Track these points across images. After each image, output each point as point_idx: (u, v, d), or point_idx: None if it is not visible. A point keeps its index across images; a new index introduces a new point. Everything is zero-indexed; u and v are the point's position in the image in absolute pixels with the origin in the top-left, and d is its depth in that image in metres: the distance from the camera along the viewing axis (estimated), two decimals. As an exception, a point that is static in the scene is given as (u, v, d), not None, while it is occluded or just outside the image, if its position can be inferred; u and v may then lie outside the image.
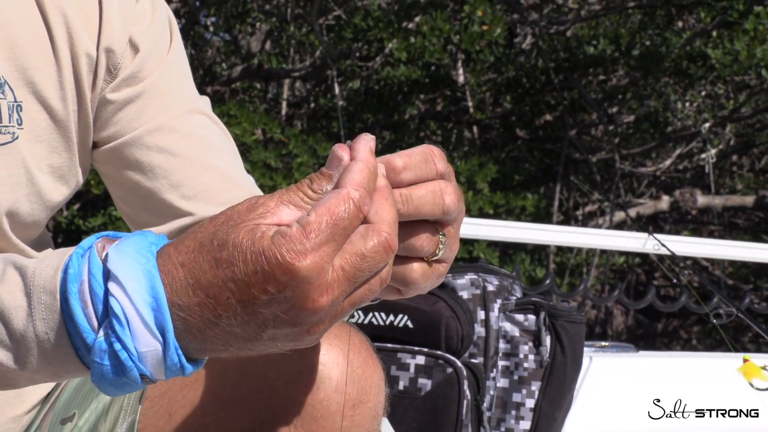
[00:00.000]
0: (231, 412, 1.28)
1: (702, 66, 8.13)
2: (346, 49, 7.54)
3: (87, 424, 1.34)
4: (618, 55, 8.44)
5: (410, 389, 2.09)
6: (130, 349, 0.86)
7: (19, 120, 1.25)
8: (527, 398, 2.20)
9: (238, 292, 0.84)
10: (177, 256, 0.87)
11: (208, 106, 1.45)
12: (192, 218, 1.38)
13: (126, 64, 1.33)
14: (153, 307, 0.85)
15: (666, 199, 9.08)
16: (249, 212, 0.87)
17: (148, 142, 1.36)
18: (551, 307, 2.21)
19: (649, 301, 3.60)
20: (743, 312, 2.61)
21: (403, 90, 8.40)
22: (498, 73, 9.04)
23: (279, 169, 6.71)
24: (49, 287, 0.89)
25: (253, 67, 8.09)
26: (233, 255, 0.84)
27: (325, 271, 0.84)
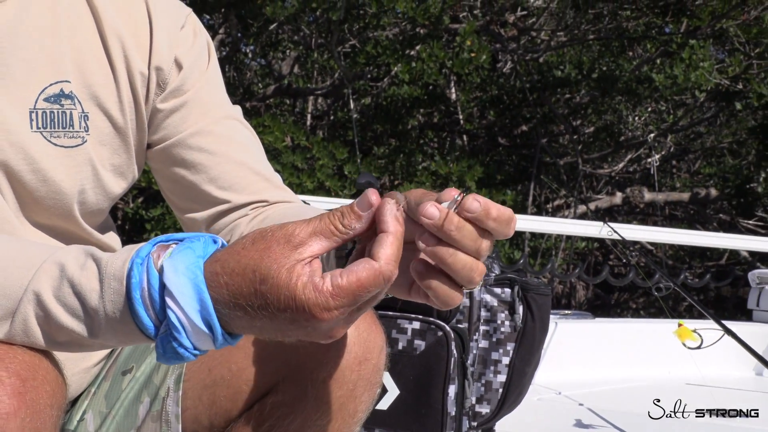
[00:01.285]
0: (259, 367, 1.27)
1: (648, 87, 8.11)
2: (359, 72, 7.53)
3: (143, 376, 1.33)
4: (580, 78, 8.41)
5: (407, 349, 2.08)
6: (186, 346, 0.87)
7: (86, 127, 1.25)
8: (503, 356, 2.18)
9: (268, 317, 0.86)
10: (223, 275, 0.87)
11: (240, 113, 1.44)
12: (227, 205, 1.37)
13: (172, 80, 1.32)
14: (200, 311, 0.86)
15: (619, 195, 9.06)
16: (286, 244, 0.86)
17: (190, 143, 1.35)
18: (523, 282, 2.19)
19: (604, 278, 3.58)
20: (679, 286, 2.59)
21: (406, 105, 8.39)
22: (483, 92, 9.03)
23: (304, 169, 6.71)
24: (118, 275, 0.89)
25: (283, 86, 8.09)
26: (270, 291, 0.84)
27: (340, 319, 0.85)
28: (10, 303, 0.92)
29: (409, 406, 2.05)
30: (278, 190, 1.42)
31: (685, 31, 7.58)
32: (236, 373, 1.30)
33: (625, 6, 7.88)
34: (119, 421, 1.31)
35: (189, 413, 1.31)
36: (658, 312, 9.28)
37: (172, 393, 1.30)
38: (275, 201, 1.40)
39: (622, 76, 8.20)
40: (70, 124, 1.23)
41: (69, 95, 1.23)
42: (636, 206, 9.32)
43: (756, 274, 3.73)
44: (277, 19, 6.78)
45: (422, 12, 6.33)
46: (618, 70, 8.34)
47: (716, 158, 10.72)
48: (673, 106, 9.57)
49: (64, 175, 1.23)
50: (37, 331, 0.92)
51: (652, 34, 8.07)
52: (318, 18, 7.04)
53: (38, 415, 0.89)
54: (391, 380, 2.05)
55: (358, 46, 7.34)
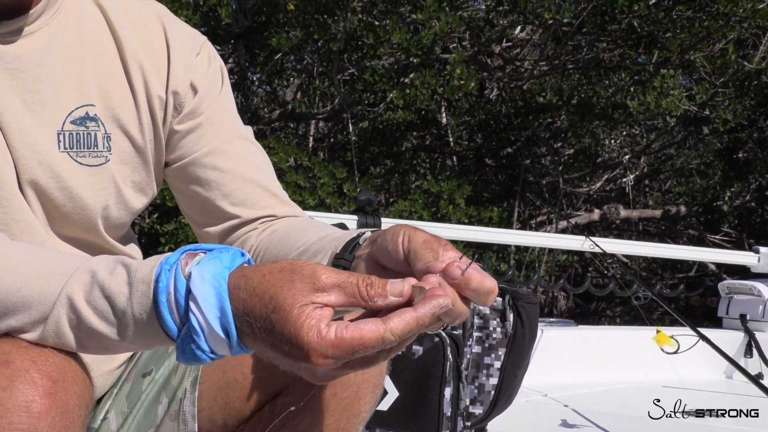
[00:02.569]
0: (271, 370, 1.27)
1: (623, 113, 8.13)
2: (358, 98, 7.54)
3: (161, 378, 1.32)
4: (561, 104, 8.44)
5: (406, 353, 2.07)
6: (204, 349, 0.87)
7: (109, 147, 1.24)
8: (495, 360, 2.17)
9: (269, 341, 0.84)
10: (243, 292, 0.86)
11: (251, 133, 1.43)
12: (238, 220, 1.36)
13: (188, 103, 1.32)
14: (220, 318, 0.85)
15: (597, 212, 9.07)
16: (309, 284, 0.84)
17: (205, 162, 1.35)
18: (514, 291, 2.18)
19: (585, 288, 3.58)
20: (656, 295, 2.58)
21: (401, 129, 8.40)
22: (472, 116, 9.05)
23: (306, 188, 6.70)
24: (146, 279, 0.89)
25: (287, 111, 8.09)
26: (278, 320, 0.83)
27: (333, 367, 0.84)
28: (45, 307, 0.91)
29: (407, 407, 2.04)
30: (285, 205, 1.41)
31: (656, 61, 7.61)
32: (248, 375, 1.29)
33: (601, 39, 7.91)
34: (140, 420, 1.30)
35: (204, 413, 1.30)
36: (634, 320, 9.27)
37: (188, 394, 1.30)
38: (283, 215, 1.40)
39: (599, 103, 8.22)
40: (94, 144, 1.23)
41: (93, 118, 1.23)
42: (612, 222, 9.33)
43: (726, 284, 3.74)
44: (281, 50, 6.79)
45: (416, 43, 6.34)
46: (595, 96, 8.36)
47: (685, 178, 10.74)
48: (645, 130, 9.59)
49: (90, 192, 1.23)
50: (68, 333, 0.91)
51: (627, 64, 8.10)
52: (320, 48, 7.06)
53: (68, 414, 0.88)
54: (390, 383, 2.04)
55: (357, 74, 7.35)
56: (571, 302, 9.94)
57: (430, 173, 8.45)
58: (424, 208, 6.82)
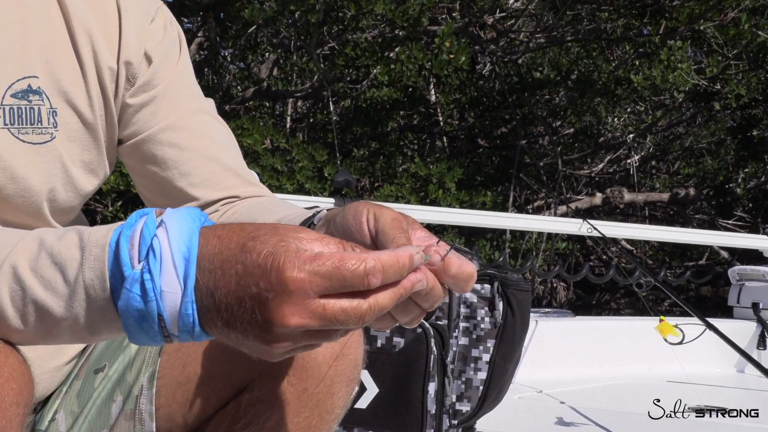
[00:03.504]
0: (235, 363, 1.26)
1: (627, 88, 8.15)
2: (338, 74, 7.52)
3: (116, 374, 1.31)
4: (559, 80, 8.44)
5: (387, 346, 2.06)
6: (155, 282, 0.83)
7: (54, 123, 1.23)
8: (484, 353, 2.17)
9: (240, 273, 0.82)
10: (221, 230, 0.85)
11: (212, 107, 1.42)
12: (199, 202, 1.35)
13: (142, 74, 1.31)
14: (185, 256, 0.83)
15: (599, 195, 9.10)
16: (292, 231, 0.84)
17: (161, 138, 1.33)
18: (503, 278, 2.18)
19: (584, 275, 3.57)
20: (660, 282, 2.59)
21: (386, 107, 8.39)
22: (463, 94, 9.05)
23: (284, 172, 6.70)
24: (101, 242, 0.87)
25: (263, 89, 8.07)
26: (255, 246, 0.82)
27: (307, 296, 0.81)
28: None
29: (388, 405, 2.03)
30: (249, 185, 1.40)
31: (663, 32, 7.62)
32: (210, 369, 1.28)
33: (603, 8, 7.91)
34: (91, 421, 1.29)
35: (163, 411, 1.29)
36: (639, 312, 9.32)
37: (145, 391, 1.29)
38: (246, 196, 1.39)
39: (601, 78, 8.23)
40: (38, 120, 1.21)
41: (37, 91, 1.21)
42: (616, 207, 9.36)
43: (736, 270, 3.73)
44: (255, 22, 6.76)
45: (401, 14, 6.33)
46: (597, 71, 8.37)
47: (695, 159, 10.79)
48: (651, 107, 9.62)
49: (33, 173, 1.22)
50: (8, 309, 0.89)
51: (631, 36, 8.11)
52: (297, 20, 7.03)
53: (3, 413, 0.87)
54: (369, 378, 2.04)
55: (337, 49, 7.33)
56: (571, 293, 9.99)
57: (418, 155, 8.46)
58: (412, 193, 6.82)
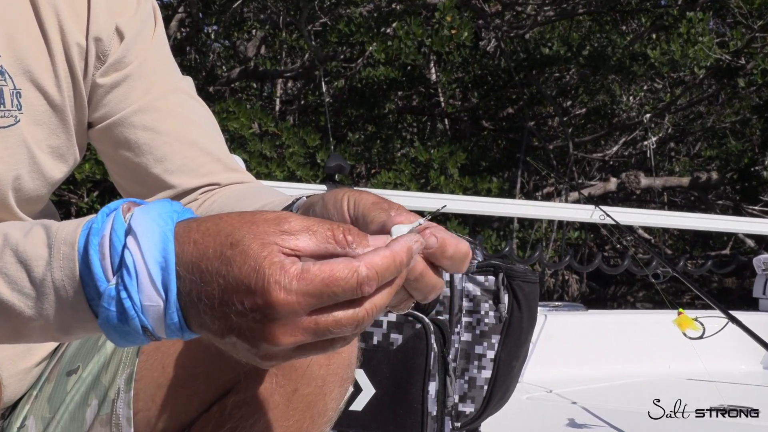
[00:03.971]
0: (219, 363, 1.25)
1: (643, 64, 8.13)
2: (331, 52, 7.51)
3: (90, 376, 1.31)
4: (570, 56, 8.43)
5: (383, 343, 2.06)
6: (134, 300, 0.83)
7: (19, 105, 1.22)
8: (488, 350, 2.17)
9: (223, 289, 0.81)
10: (196, 233, 0.83)
11: (191, 86, 1.41)
12: (175, 190, 1.35)
13: (113, 51, 1.30)
14: (162, 266, 0.82)
15: (614, 180, 9.09)
16: (274, 224, 0.83)
17: (134, 121, 1.33)
18: (509, 268, 2.18)
19: (597, 265, 3.57)
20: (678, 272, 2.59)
21: (383, 88, 8.38)
22: (466, 72, 9.04)
23: (273, 158, 6.69)
24: (69, 239, 0.86)
25: (249, 69, 8.06)
26: (235, 258, 0.81)
27: (297, 315, 0.80)
28: None
29: (385, 406, 2.04)
30: (231, 171, 1.40)
31: (682, 2, 7.60)
32: (193, 370, 1.28)
33: (616, -23, 7.91)
34: (64, 427, 1.29)
35: (142, 416, 1.29)
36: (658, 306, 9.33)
37: (122, 394, 1.28)
38: (228, 183, 1.38)
39: (615, 53, 8.22)
40: (0, 102, 1.21)
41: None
42: (632, 192, 9.37)
43: (762, 259, 3.73)
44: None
45: (398, -14, 6.33)
46: (610, 46, 8.36)
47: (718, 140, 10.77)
48: (670, 84, 9.60)
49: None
50: None
51: (647, 7, 8.10)
52: (286, -6, 7.03)
53: None
54: (365, 378, 2.04)
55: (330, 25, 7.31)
56: (584, 286, 10.00)
57: (418, 139, 8.45)
58: (411, 180, 6.82)
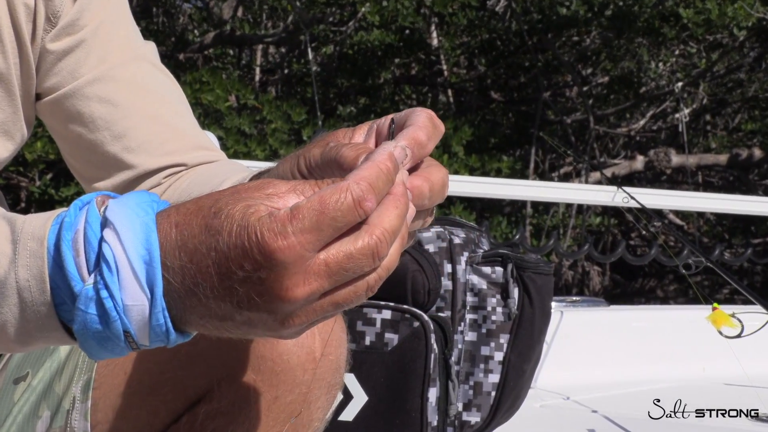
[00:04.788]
0: (189, 369, 1.26)
1: (674, 26, 8.12)
2: (318, 14, 7.50)
3: (41, 384, 1.31)
4: (591, 16, 8.42)
5: (377, 344, 2.07)
6: (116, 298, 0.83)
7: None
8: (496, 351, 2.18)
9: (217, 262, 0.82)
10: (175, 215, 0.85)
11: (154, 52, 1.41)
12: (135, 171, 1.35)
13: (65, 12, 1.30)
14: (146, 260, 0.83)
15: (641, 159, 9.10)
16: (257, 189, 0.85)
17: (88, 92, 1.33)
18: (519, 259, 2.18)
19: (620, 255, 3.57)
20: (713, 262, 2.59)
21: (377, 54, 8.37)
22: (472, 36, 9.03)
23: (253, 135, 6.69)
24: (38, 234, 0.86)
25: (225, 33, 8.05)
26: (222, 224, 0.82)
27: (304, 259, 0.81)
28: None
29: (380, 415, 2.04)
30: (199, 150, 1.40)
31: (718, -47, 7.60)
32: (160, 376, 1.28)
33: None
34: (12, 441, 1.29)
35: (100, 428, 1.29)
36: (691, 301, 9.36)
37: (78, 404, 1.29)
38: (196, 164, 1.39)
39: (642, 13, 8.21)
40: None
41: None
42: (662, 172, 9.37)
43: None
44: (214, -50, 6.75)
45: (394, -63, 6.32)
46: (637, 5, 8.35)
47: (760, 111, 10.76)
48: (705, 48, 9.59)
49: (-69, 136, 1.21)
50: None
51: (678, -40, 8.09)
52: (265, -53, 7.02)
53: None
54: (357, 384, 2.05)
55: (316, -18, 7.31)
56: (607, 279, 10.02)
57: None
58: (411, 159, 6.83)
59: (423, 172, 0.93)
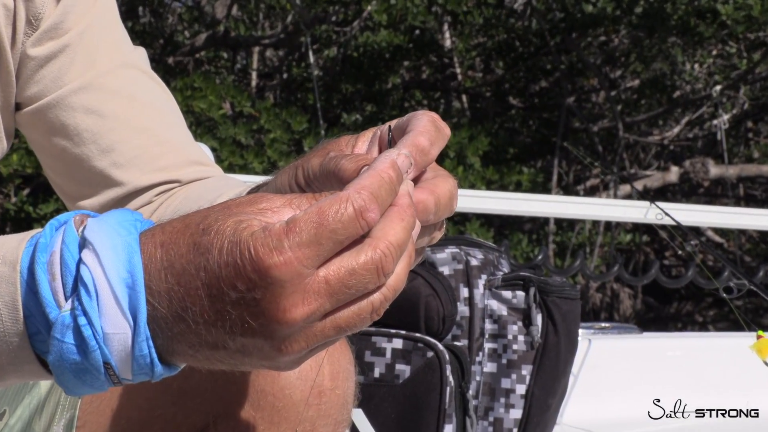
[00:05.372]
0: (182, 405, 1.26)
1: (712, 23, 8.12)
2: (320, 13, 7.52)
3: (19, 423, 1.31)
4: (619, 14, 8.43)
5: (387, 376, 2.08)
6: (95, 326, 0.83)
7: None
8: (517, 384, 2.18)
9: (207, 283, 0.82)
10: (160, 234, 0.84)
11: (144, 58, 1.42)
12: (125, 189, 1.35)
13: (48, 14, 1.31)
14: (128, 284, 0.83)
15: (675, 170, 9.09)
16: (250, 204, 0.85)
17: (73, 102, 1.33)
18: (542, 282, 2.19)
19: (653, 276, 3.56)
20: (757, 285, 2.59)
21: (385, 57, 8.38)
22: (488, 37, 9.04)
23: (250, 146, 6.70)
24: (10, 258, 0.86)
25: (218, 34, 8.06)
26: (212, 242, 0.82)
27: (302, 276, 0.81)
28: None
29: (391, 455, 2.05)
30: (196, 165, 1.41)
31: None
32: (150, 413, 1.29)
33: None
34: (-13, 486, 1.30)
35: (85, 471, 1.30)
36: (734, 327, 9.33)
37: (60, 444, 1.29)
38: (190, 181, 1.39)
39: (676, 10, 8.21)
40: None
41: None
42: (699, 184, 9.36)
43: None
44: (206, -56, 6.78)
45: (402, -71, 6.35)
46: (670, 1, 8.36)
47: (808, 117, 10.78)
48: (746, 47, 9.59)
49: None
50: None
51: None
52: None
53: None
54: (365, 419, 2.05)
55: (318, -21, 7.34)
56: (639, 303, 10.00)
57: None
58: (422, 171, 6.83)
59: (427, 183, 0.93)
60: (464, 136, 6.89)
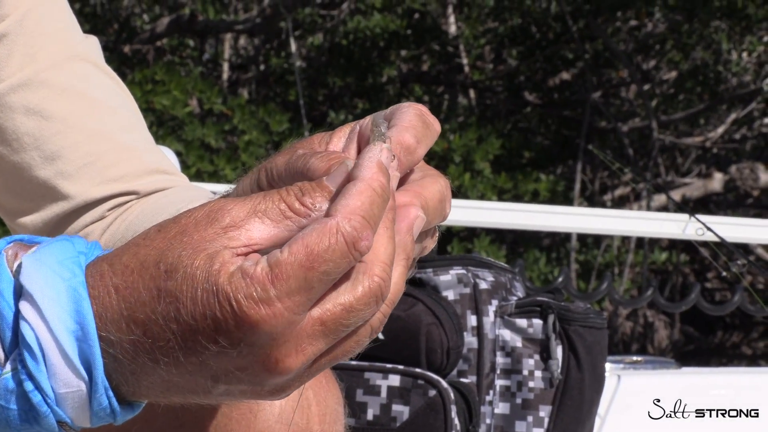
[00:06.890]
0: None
1: (763, 4, 8.15)
2: (303, -5, 7.54)
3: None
4: (653, -6, 8.47)
5: (382, 419, 2.08)
6: (45, 390, 0.83)
7: None
8: (534, 427, 2.19)
9: (181, 336, 0.81)
10: (111, 276, 0.84)
11: (96, 49, 1.42)
12: (72, 202, 1.35)
13: None
14: (77, 336, 0.82)
15: (719, 177, 9.11)
16: (210, 224, 0.84)
17: (11, 101, 1.34)
18: (562, 308, 2.19)
19: (693, 302, 3.56)
20: (814, 312, 2.60)
21: (379, 45, 8.41)
22: (500, 21, 9.07)
23: (221, 149, 6.71)
24: None
25: (183, 19, 8.08)
26: (181, 288, 0.81)
27: (294, 324, 0.81)
28: None
29: None
30: (156, 174, 1.41)
31: None
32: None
33: None
34: None
35: None
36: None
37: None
38: (149, 192, 1.39)
39: (719, -10, 8.26)
40: None
41: None
42: (747, 194, 9.38)
43: None
44: None
45: None
46: (713, -22, 8.41)
47: None
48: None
49: None
50: None
51: None
52: None
53: None
54: (357, 469, 2.06)
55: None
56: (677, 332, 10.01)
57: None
58: (423, 179, 6.85)
59: (413, 185, 0.93)
60: (472, 138, 6.91)
